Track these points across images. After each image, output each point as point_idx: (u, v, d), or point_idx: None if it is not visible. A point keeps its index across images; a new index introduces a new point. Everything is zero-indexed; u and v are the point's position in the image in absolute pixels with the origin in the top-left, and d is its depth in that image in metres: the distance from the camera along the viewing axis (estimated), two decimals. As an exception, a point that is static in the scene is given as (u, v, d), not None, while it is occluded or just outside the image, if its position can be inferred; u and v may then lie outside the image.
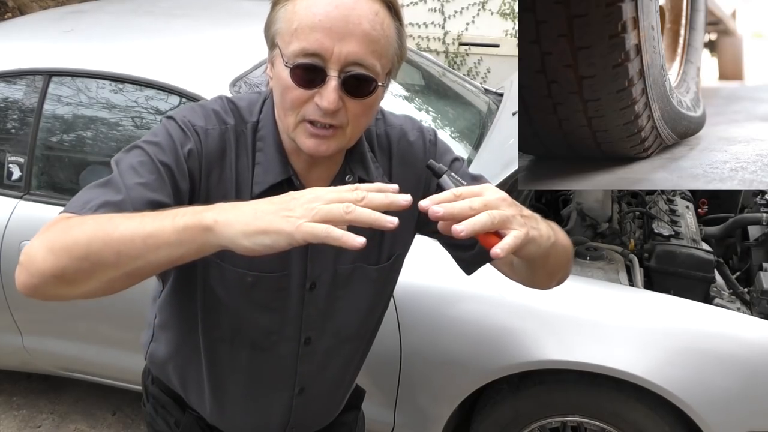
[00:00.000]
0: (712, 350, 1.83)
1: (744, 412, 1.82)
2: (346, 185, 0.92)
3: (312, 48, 1.01)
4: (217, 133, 1.12)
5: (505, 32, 5.15)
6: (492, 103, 2.95)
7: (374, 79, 1.04)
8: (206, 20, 2.83)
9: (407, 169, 1.25)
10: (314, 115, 1.04)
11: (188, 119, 1.11)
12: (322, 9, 1.01)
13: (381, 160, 1.24)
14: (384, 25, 1.05)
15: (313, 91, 1.03)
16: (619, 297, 1.94)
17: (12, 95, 2.41)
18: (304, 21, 1.01)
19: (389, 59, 1.08)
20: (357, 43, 1.01)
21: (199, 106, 1.15)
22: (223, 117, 1.13)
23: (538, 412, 1.99)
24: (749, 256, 2.37)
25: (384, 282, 1.30)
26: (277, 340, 1.23)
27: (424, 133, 1.28)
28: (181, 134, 1.09)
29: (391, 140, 1.26)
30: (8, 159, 2.34)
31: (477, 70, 5.28)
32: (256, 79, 2.27)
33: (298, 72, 1.02)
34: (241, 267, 1.15)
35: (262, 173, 1.13)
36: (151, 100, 2.26)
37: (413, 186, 1.24)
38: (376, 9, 1.04)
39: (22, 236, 2.24)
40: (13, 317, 2.37)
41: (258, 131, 1.15)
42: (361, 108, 1.06)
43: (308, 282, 1.20)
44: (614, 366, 1.82)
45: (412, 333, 1.94)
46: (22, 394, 2.87)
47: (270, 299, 1.19)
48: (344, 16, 1.01)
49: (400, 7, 1.09)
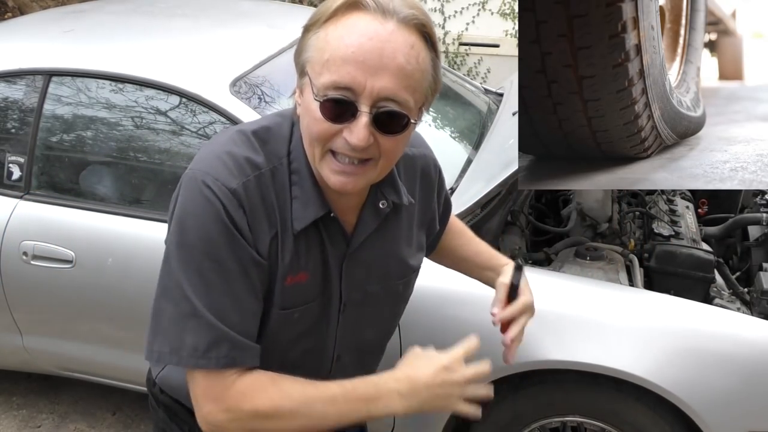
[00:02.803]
0: (712, 350, 1.83)
1: (744, 412, 1.82)
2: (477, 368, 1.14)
3: (344, 82, 0.97)
4: (254, 184, 1.06)
5: (505, 32, 5.16)
6: (492, 103, 2.95)
7: (407, 115, 1.01)
8: (206, 20, 2.82)
9: (427, 192, 1.31)
10: (342, 149, 1.01)
11: (222, 184, 1.03)
12: (355, 40, 0.96)
13: (408, 181, 1.23)
14: (420, 58, 1.00)
15: (343, 126, 0.99)
16: (619, 297, 1.94)
17: (12, 95, 2.41)
18: (337, 52, 0.97)
19: (423, 93, 1.04)
20: (390, 78, 0.97)
21: (228, 157, 1.06)
22: (255, 162, 1.08)
23: (538, 412, 1.99)
24: (749, 256, 2.37)
25: (407, 292, 1.33)
26: (313, 359, 1.23)
27: (431, 159, 1.34)
28: (234, 223, 1.03)
29: (416, 162, 1.27)
30: (8, 159, 2.34)
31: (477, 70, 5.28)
32: (256, 79, 2.27)
33: (328, 106, 0.98)
34: (289, 307, 1.14)
35: (301, 208, 1.10)
36: (151, 100, 2.26)
37: (428, 206, 1.33)
38: (412, 41, 0.99)
39: (22, 236, 2.25)
40: (13, 317, 2.37)
41: (291, 163, 1.11)
42: (393, 144, 1.03)
43: (342, 304, 1.21)
44: (614, 366, 1.82)
45: (412, 333, 1.93)
46: (22, 394, 2.87)
47: (312, 325, 1.19)
48: (378, 49, 0.96)
49: (429, 17, 1.04)
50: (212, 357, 1.04)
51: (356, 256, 1.18)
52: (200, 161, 1.08)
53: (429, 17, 1.03)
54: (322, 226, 1.13)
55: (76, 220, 2.23)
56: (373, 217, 1.18)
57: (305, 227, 1.10)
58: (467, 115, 2.82)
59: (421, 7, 1.03)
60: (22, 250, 2.24)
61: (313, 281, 1.15)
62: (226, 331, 1.05)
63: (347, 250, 1.17)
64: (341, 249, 1.17)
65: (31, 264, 2.23)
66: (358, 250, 1.18)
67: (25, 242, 2.24)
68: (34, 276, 2.25)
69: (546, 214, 2.63)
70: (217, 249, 1.04)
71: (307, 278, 1.14)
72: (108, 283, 2.19)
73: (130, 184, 2.30)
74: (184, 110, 2.23)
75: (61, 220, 2.24)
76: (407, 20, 0.99)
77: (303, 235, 1.11)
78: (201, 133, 2.21)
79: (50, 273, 2.23)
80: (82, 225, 2.22)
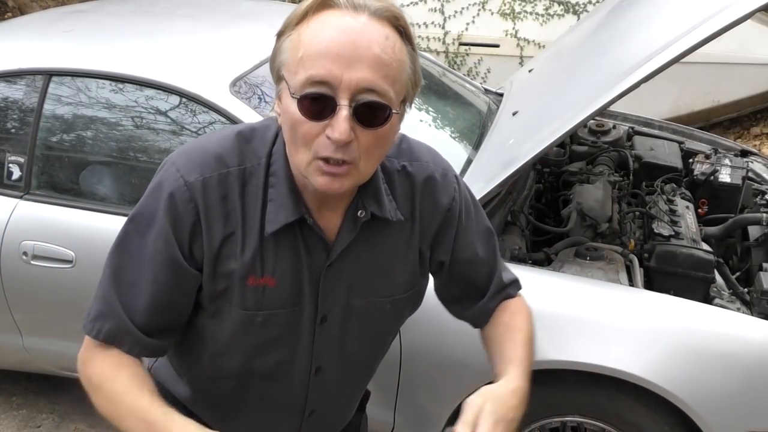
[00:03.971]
0: (712, 350, 1.83)
1: (744, 412, 1.82)
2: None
3: (319, 75, 0.95)
4: (215, 180, 1.07)
5: (505, 32, 5.15)
6: (492, 103, 2.95)
7: (388, 106, 0.98)
8: (206, 20, 2.82)
9: (433, 209, 1.21)
10: (327, 150, 0.98)
11: (182, 176, 1.07)
12: (328, 35, 0.95)
13: (402, 196, 1.18)
14: (396, 48, 0.99)
15: (324, 123, 0.97)
16: (619, 297, 1.94)
17: (12, 95, 2.41)
18: (310, 48, 0.96)
19: (403, 85, 1.01)
20: (368, 69, 0.95)
21: (200, 150, 1.10)
22: (225, 160, 1.09)
23: (537, 412, 1.99)
24: (749, 256, 2.37)
25: (398, 313, 1.27)
26: (288, 370, 1.21)
27: (448, 179, 1.23)
28: (175, 215, 1.07)
29: (415, 177, 1.19)
30: (8, 159, 2.34)
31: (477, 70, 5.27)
32: (256, 79, 2.27)
33: (306, 103, 0.97)
34: (250, 309, 1.13)
35: (275, 211, 1.09)
36: (151, 100, 2.26)
37: (433, 225, 1.22)
38: (386, 33, 0.98)
39: (22, 236, 2.25)
40: (13, 317, 2.37)
41: (270, 165, 1.10)
42: (373, 139, 1.00)
43: (319, 316, 1.17)
44: (614, 366, 1.82)
45: (412, 333, 1.93)
46: (22, 394, 2.87)
47: (280, 334, 1.16)
48: (352, 41, 0.95)
49: (403, 11, 1.02)
50: (95, 327, 1.12)
51: (337, 267, 1.15)
52: (180, 150, 1.13)
53: (402, 11, 1.02)
54: (299, 233, 1.11)
55: (76, 220, 2.23)
56: (351, 226, 1.14)
57: (278, 231, 1.09)
58: (467, 115, 2.82)
59: (392, 2, 1.02)
60: (22, 250, 2.24)
61: (282, 288, 1.13)
62: (115, 310, 1.10)
63: (326, 260, 1.14)
64: (320, 259, 1.14)
65: (31, 264, 2.23)
66: (338, 261, 1.14)
67: (25, 242, 2.24)
68: (34, 276, 2.25)
69: (546, 214, 2.63)
70: (145, 231, 1.09)
71: (275, 284, 1.12)
72: (108, 283, 2.18)
73: (130, 184, 2.30)
74: (184, 110, 2.23)
75: (61, 220, 2.24)
76: (379, 13, 0.98)
77: (273, 238, 1.10)
78: (201, 133, 2.21)
79: (50, 273, 2.22)
80: (82, 225, 2.22)
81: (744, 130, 5.22)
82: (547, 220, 2.60)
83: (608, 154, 2.83)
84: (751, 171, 2.77)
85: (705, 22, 1.78)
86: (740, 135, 5.17)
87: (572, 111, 1.95)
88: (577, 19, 5.00)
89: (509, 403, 1.12)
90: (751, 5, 1.71)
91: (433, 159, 1.24)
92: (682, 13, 2.07)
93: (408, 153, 1.20)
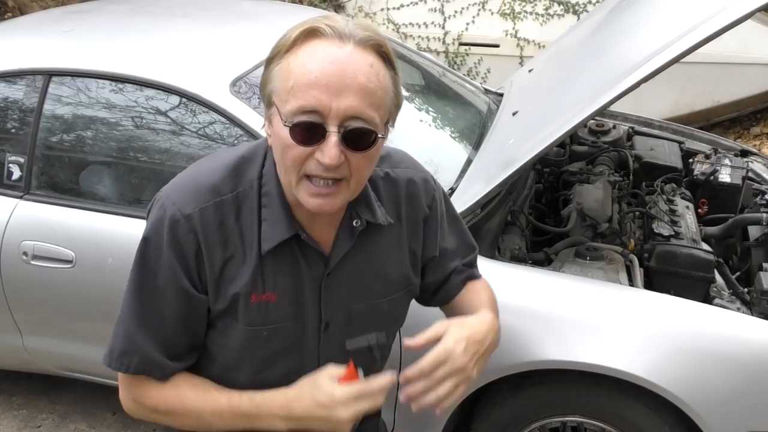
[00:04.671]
0: (712, 350, 1.83)
1: (744, 412, 1.82)
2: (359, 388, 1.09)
3: (310, 105, 1.01)
4: (211, 209, 1.13)
5: (505, 32, 5.15)
6: (492, 103, 2.95)
7: (374, 131, 1.05)
8: (206, 20, 2.82)
9: (414, 212, 1.30)
10: (316, 170, 1.05)
11: (178, 209, 1.13)
12: (317, 66, 1.01)
13: (388, 201, 1.26)
14: (380, 76, 1.05)
15: (314, 148, 1.04)
16: (619, 297, 1.94)
17: (12, 95, 2.41)
18: (300, 79, 1.02)
19: (387, 109, 1.08)
20: (354, 97, 1.02)
21: (192, 182, 1.16)
22: (218, 189, 1.15)
23: (538, 412, 1.99)
24: (749, 256, 2.37)
25: (395, 312, 1.33)
26: (296, 379, 1.23)
27: (423, 183, 1.31)
28: (179, 247, 1.13)
29: (399, 182, 1.28)
30: (8, 159, 2.34)
31: (477, 70, 5.27)
32: (256, 79, 2.26)
33: (298, 130, 1.03)
34: (255, 325, 1.18)
35: (270, 230, 1.15)
36: (151, 100, 2.26)
37: (417, 229, 1.31)
38: (370, 61, 1.04)
39: (22, 236, 2.25)
40: (13, 317, 2.37)
41: (262, 186, 1.16)
42: (363, 160, 1.07)
43: (322, 324, 1.23)
44: (614, 366, 1.82)
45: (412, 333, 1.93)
46: (22, 394, 2.87)
47: (286, 346, 1.22)
48: (340, 71, 1.01)
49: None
50: (124, 363, 1.18)
51: (336, 275, 1.21)
52: (171, 184, 1.19)
53: (384, 38, 1.08)
54: (297, 248, 1.17)
55: (76, 220, 2.23)
56: (348, 236, 1.21)
57: (275, 248, 1.15)
58: (467, 115, 2.82)
59: (375, 29, 1.09)
60: (22, 250, 2.24)
61: (284, 302, 1.18)
62: (139, 345, 1.16)
63: (325, 270, 1.20)
64: (319, 270, 1.20)
65: (31, 264, 2.23)
66: (337, 269, 1.21)
67: (25, 242, 2.24)
68: (34, 276, 2.25)
69: (546, 214, 2.63)
70: (154, 266, 1.14)
71: (277, 298, 1.18)
72: (108, 283, 2.18)
73: (130, 184, 2.30)
74: (184, 110, 2.23)
75: (61, 220, 2.24)
76: (364, 42, 1.04)
77: (272, 255, 1.16)
78: (201, 133, 2.21)
79: (50, 273, 2.22)
80: (82, 225, 2.22)
81: (744, 130, 5.22)
82: (547, 220, 2.60)
83: (608, 154, 2.83)
84: (751, 171, 2.77)
85: (705, 22, 1.78)
86: (740, 135, 5.17)
87: (572, 111, 1.95)
88: (577, 19, 5.00)
89: (477, 327, 1.20)
90: (751, 5, 1.71)
91: (412, 164, 1.33)
92: (682, 13, 2.07)
93: (389, 160, 1.29)
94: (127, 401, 1.23)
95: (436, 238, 1.34)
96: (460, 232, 1.42)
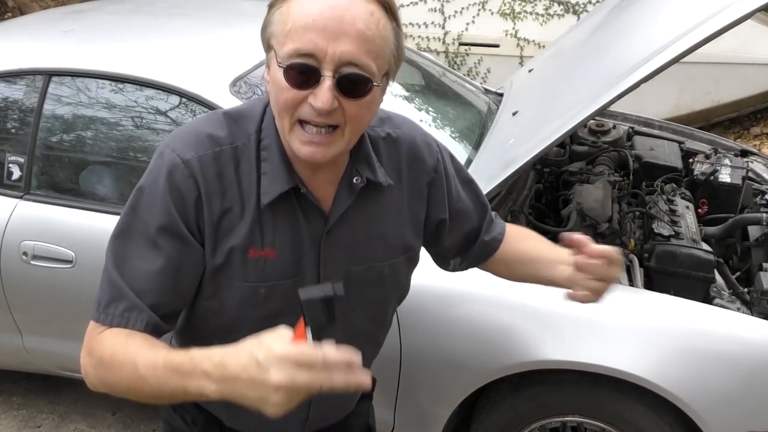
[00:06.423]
0: (712, 350, 1.83)
1: (744, 412, 1.82)
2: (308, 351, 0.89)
3: (305, 48, 1.00)
4: (210, 157, 1.12)
5: (505, 32, 5.15)
6: (492, 103, 2.95)
7: (369, 79, 1.04)
8: (206, 20, 2.82)
9: (417, 175, 1.28)
10: (309, 115, 1.04)
11: (178, 155, 1.10)
12: (315, 9, 1.00)
13: (389, 162, 1.24)
14: (380, 25, 1.04)
15: (307, 92, 1.03)
16: (619, 297, 1.94)
17: (12, 95, 2.41)
18: (298, 22, 1.01)
19: (385, 60, 1.07)
20: (351, 43, 1.00)
21: (192, 131, 1.14)
22: (217, 139, 1.13)
23: (538, 412, 1.99)
24: (749, 256, 2.37)
25: (396, 277, 1.31)
26: None
27: (424, 142, 1.30)
28: (177, 192, 1.10)
29: (400, 144, 1.26)
30: (8, 159, 2.34)
31: (477, 70, 5.27)
32: (256, 79, 2.27)
33: (292, 72, 1.02)
34: (252, 281, 1.16)
35: (269, 183, 1.13)
36: (151, 100, 2.26)
37: (420, 192, 1.29)
38: (371, 9, 1.03)
39: (22, 236, 2.25)
40: (13, 317, 2.37)
41: (261, 140, 1.15)
42: (357, 108, 1.05)
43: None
44: (614, 366, 1.82)
45: (412, 333, 1.94)
46: (22, 394, 2.87)
47: (284, 306, 1.18)
48: (338, 16, 1.00)
49: (399, 7, 1.08)
50: (109, 313, 1.10)
51: (335, 235, 1.19)
52: (171, 136, 1.16)
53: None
54: (296, 203, 1.16)
55: (76, 220, 2.23)
56: (348, 193, 1.19)
57: (274, 202, 1.13)
58: (467, 115, 2.82)
59: None
60: (22, 250, 2.24)
61: (283, 259, 1.16)
62: (125, 290, 1.10)
63: (325, 228, 1.18)
64: (318, 227, 1.18)
65: (31, 264, 2.24)
66: (336, 228, 1.19)
67: (25, 242, 2.24)
68: (34, 276, 2.25)
69: (546, 214, 2.63)
70: (146, 215, 1.11)
71: (275, 255, 1.15)
72: (108, 283, 2.18)
73: (131, 184, 2.30)
74: (184, 110, 2.23)
75: (61, 220, 2.24)
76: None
77: (270, 210, 1.14)
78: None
79: (50, 273, 2.23)
80: (82, 225, 2.22)
81: (744, 130, 5.22)
82: (547, 220, 2.60)
83: (608, 154, 2.83)
84: (751, 171, 2.77)
85: (705, 22, 1.78)
86: (740, 135, 5.17)
87: (572, 111, 1.96)
88: (577, 19, 5.00)
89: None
90: (751, 5, 1.71)
91: (413, 126, 1.32)
92: (681, 13, 2.07)
93: (390, 122, 1.28)
94: (84, 359, 1.11)
95: (444, 200, 1.33)
96: (474, 194, 1.41)
